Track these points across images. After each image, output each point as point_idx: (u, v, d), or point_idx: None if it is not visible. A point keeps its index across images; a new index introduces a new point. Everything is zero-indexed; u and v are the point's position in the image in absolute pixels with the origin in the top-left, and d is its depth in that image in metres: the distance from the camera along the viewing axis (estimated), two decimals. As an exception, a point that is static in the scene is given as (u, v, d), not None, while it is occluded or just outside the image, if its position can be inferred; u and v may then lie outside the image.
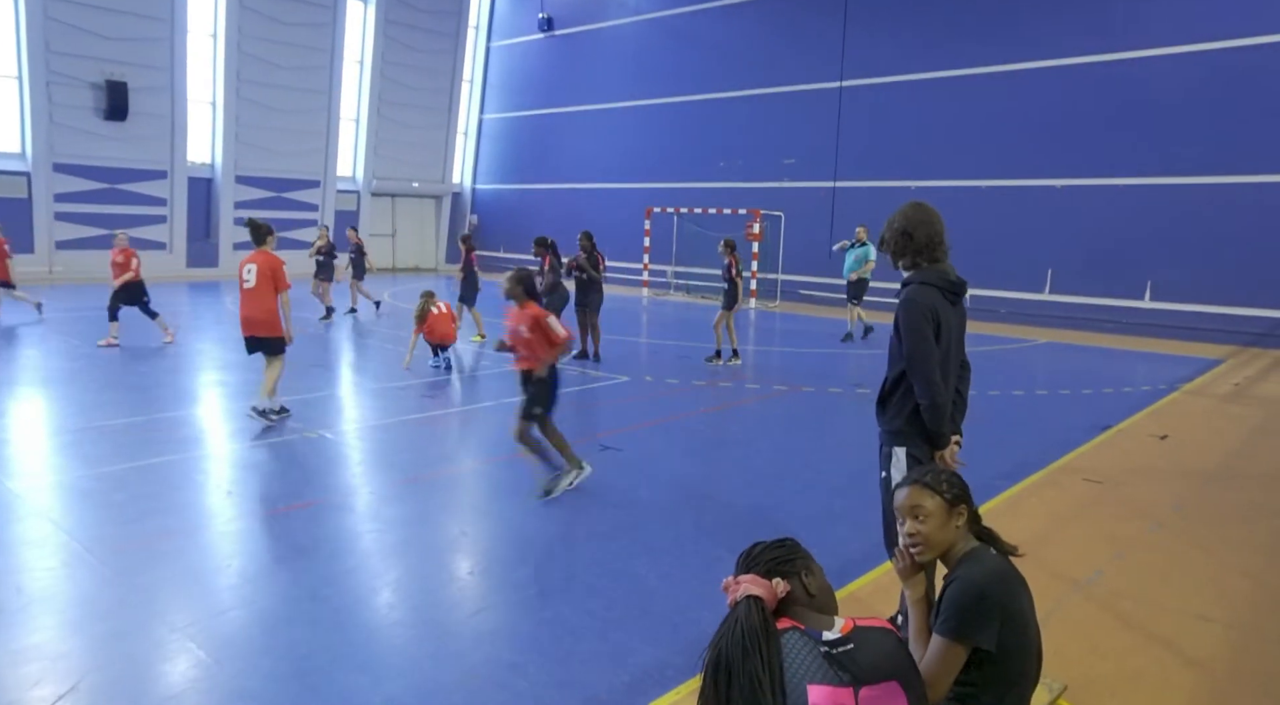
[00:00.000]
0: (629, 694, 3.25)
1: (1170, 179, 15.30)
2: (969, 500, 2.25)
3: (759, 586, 1.81)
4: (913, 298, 3.24)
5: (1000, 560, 2.17)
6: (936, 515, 2.20)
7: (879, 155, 18.74)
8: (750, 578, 1.84)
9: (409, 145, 26.03)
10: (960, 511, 2.22)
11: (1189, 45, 15.07)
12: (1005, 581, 2.12)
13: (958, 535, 2.22)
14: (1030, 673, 2.14)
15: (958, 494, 2.23)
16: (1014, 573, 2.17)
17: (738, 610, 1.76)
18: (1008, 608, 2.07)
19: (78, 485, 5.54)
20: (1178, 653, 3.69)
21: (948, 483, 2.24)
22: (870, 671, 1.66)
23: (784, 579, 1.83)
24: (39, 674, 3.27)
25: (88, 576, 4.18)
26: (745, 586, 1.81)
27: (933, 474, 2.28)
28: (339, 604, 3.99)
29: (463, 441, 7.40)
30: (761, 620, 1.71)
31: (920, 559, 2.26)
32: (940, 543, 2.22)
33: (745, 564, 1.90)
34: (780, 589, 1.81)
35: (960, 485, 2.25)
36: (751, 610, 1.73)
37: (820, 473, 6.39)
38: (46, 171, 19.11)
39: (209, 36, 21.38)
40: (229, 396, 8.59)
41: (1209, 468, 6.80)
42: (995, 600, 2.07)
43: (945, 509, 2.20)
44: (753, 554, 1.91)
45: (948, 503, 2.20)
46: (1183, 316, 15.11)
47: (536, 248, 11.03)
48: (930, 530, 2.21)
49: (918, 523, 2.22)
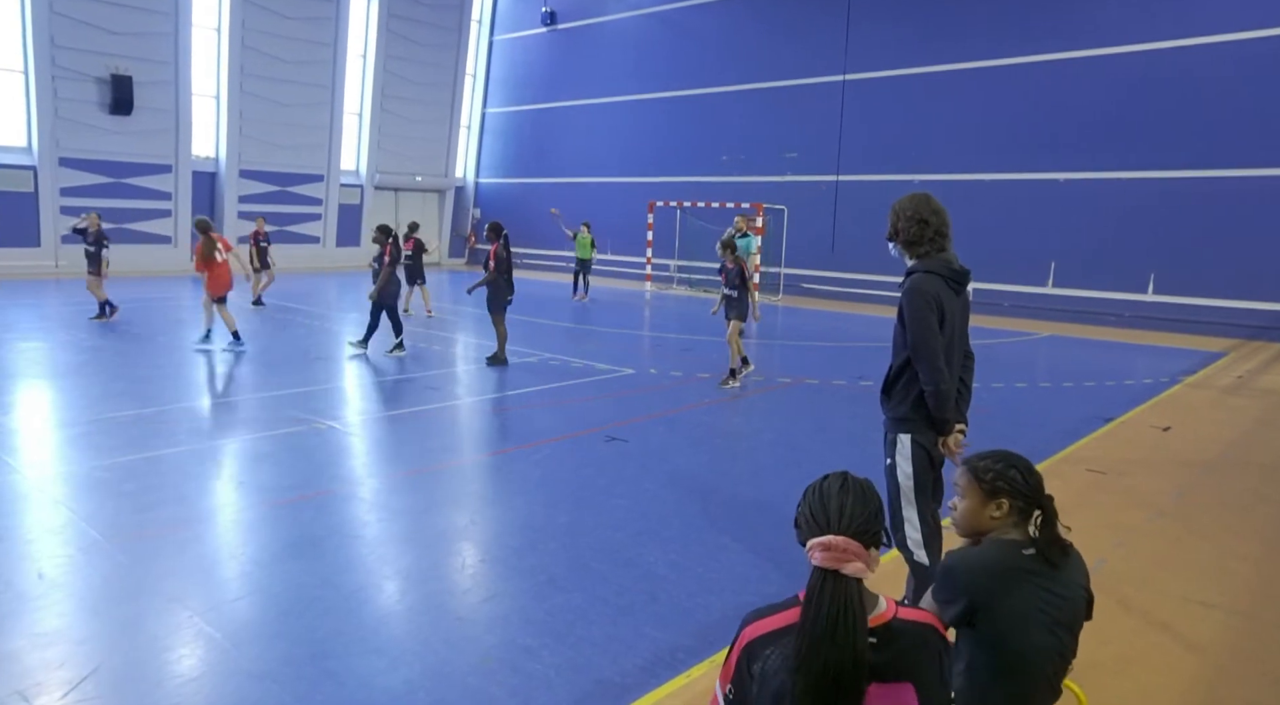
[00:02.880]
0: (642, 676, 3.31)
1: (1173, 172, 15.31)
2: (1016, 497, 2.18)
3: (862, 560, 1.58)
4: (917, 285, 3.28)
5: (1006, 555, 2.13)
6: (971, 499, 2.25)
7: (882, 149, 18.75)
8: (857, 547, 1.58)
9: (412, 139, 26.05)
10: (1000, 504, 2.19)
11: (1190, 39, 15.08)
12: (990, 574, 2.10)
13: (994, 525, 2.21)
14: (1032, 673, 2.09)
15: (998, 487, 2.19)
16: (1017, 571, 2.10)
17: (847, 592, 1.54)
18: (985, 600, 2.07)
19: (92, 475, 5.61)
20: (1179, 637, 3.75)
21: (993, 474, 2.21)
22: (884, 669, 1.58)
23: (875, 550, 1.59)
24: (62, 656, 3.34)
25: (105, 563, 4.25)
26: (854, 558, 1.57)
27: (988, 460, 2.25)
28: (352, 590, 4.06)
29: (468, 433, 7.46)
30: (863, 613, 1.55)
31: (957, 532, 2.33)
32: (970, 526, 2.26)
33: (838, 520, 1.61)
34: (874, 564, 1.59)
35: (1007, 480, 2.19)
36: (854, 597, 1.54)
37: (825, 463, 6.41)
38: (52, 165, 19.16)
39: (212, 30, 21.40)
40: (237, 389, 8.65)
41: (1210, 458, 6.86)
42: (961, 583, 2.10)
43: (981, 497, 2.22)
44: (845, 509, 1.62)
45: (984, 493, 2.21)
46: (1186, 309, 15.14)
47: (377, 233, 10.50)
48: (962, 511, 2.27)
49: (957, 499, 2.30)
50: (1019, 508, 2.19)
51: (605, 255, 24.42)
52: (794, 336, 13.94)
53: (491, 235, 10.05)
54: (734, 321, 9.15)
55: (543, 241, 24.77)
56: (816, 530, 1.62)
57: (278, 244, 23.04)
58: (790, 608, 1.66)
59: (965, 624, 2.12)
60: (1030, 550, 2.14)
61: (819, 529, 1.62)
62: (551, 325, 13.55)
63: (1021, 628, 2.07)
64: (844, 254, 19.12)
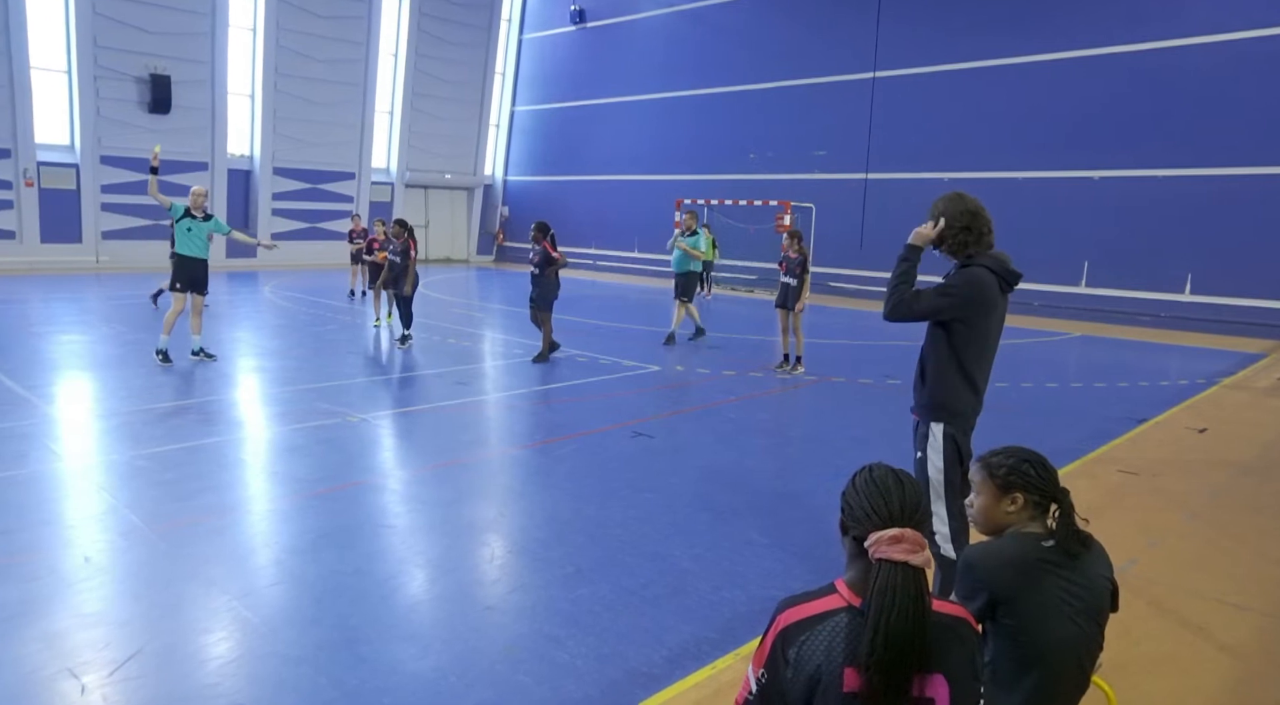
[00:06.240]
0: (668, 667, 3.35)
1: (1211, 170, 15.02)
2: (1030, 490, 2.19)
3: (922, 557, 1.57)
4: (972, 274, 3.25)
5: (1026, 548, 2.14)
6: (985, 495, 2.25)
7: (912, 147, 18.59)
8: (921, 538, 1.58)
9: (441, 137, 26.31)
10: (1014, 498, 2.20)
11: (1226, 34, 14.77)
12: (1010, 566, 2.11)
13: (1011, 520, 2.22)
14: (1056, 665, 2.08)
15: (1011, 481, 2.19)
16: (1037, 562, 2.11)
17: (919, 584, 1.54)
18: (1006, 591, 2.08)
19: (133, 464, 5.76)
20: (1211, 638, 3.71)
21: (1006, 468, 2.22)
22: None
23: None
24: (107, 637, 3.45)
25: (146, 549, 4.37)
26: (920, 549, 1.57)
27: (1000, 456, 2.26)
28: (383, 578, 4.14)
29: (496, 428, 7.54)
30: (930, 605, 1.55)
31: (977, 529, 2.34)
32: (987, 521, 2.27)
33: (900, 511, 1.61)
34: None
35: (1020, 474, 2.19)
36: (925, 588, 1.52)
37: (850, 460, 6.40)
38: (94, 163, 19.63)
39: (248, 30, 21.77)
40: (270, 382, 8.82)
41: (1246, 460, 6.74)
42: (981, 575, 2.12)
43: (995, 492, 2.23)
44: (905, 500, 1.63)
45: (998, 487, 2.22)
46: (1224, 310, 14.85)
47: (396, 228, 10.98)
48: (979, 507, 2.28)
49: (973, 495, 2.31)
50: (1034, 501, 2.20)
51: (632, 253, 24.50)
52: (821, 334, 13.87)
53: (539, 234, 10.47)
54: (797, 311, 9.65)
55: (567, 239, 24.88)
56: (879, 523, 1.61)
57: (310, 241, 23.51)
58: (827, 595, 1.67)
59: (988, 617, 2.13)
60: (1050, 542, 2.15)
61: (882, 522, 1.61)
62: (577, 322, 13.62)
63: (1043, 619, 2.08)
64: (872, 252, 18.98)
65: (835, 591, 1.66)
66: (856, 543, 1.66)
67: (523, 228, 27.21)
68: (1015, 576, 2.11)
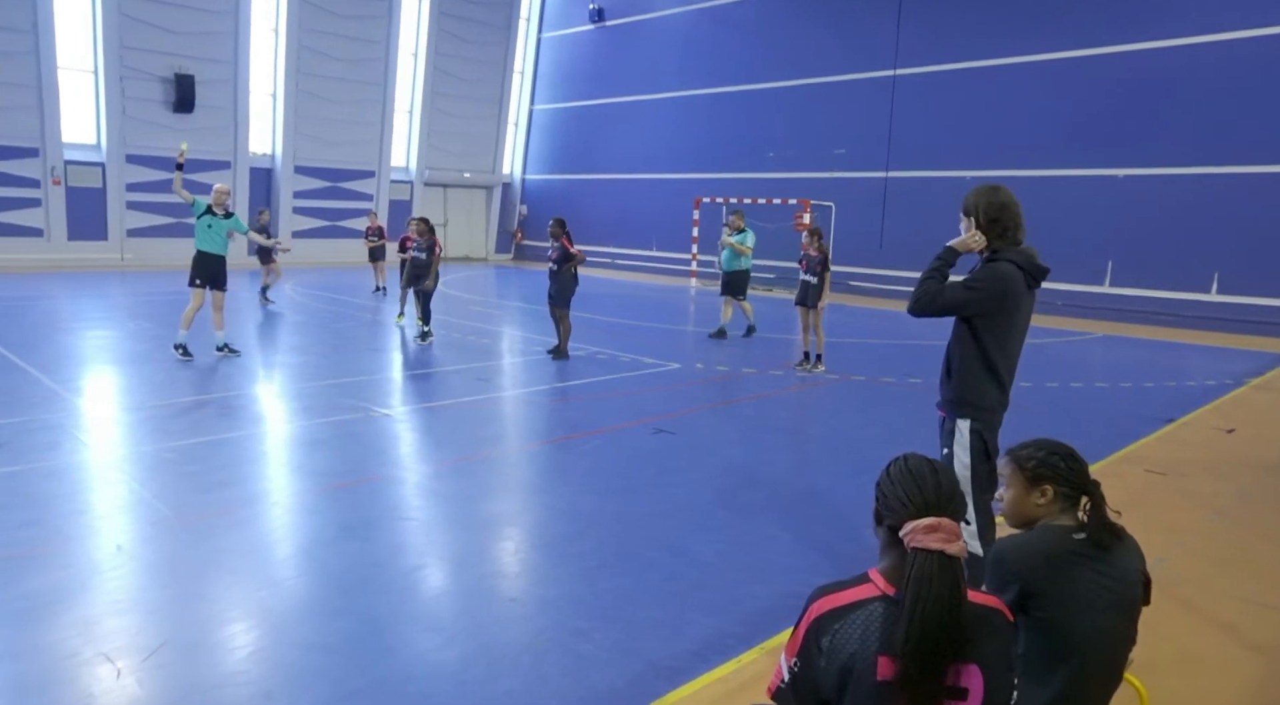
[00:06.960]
0: (691, 661, 3.35)
1: (1239, 167, 14.80)
2: (1060, 483, 2.18)
3: (957, 546, 1.57)
4: (997, 268, 3.22)
5: (1057, 540, 2.13)
6: (1015, 488, 2.25)
7: (933, 145, 18.45)
8: (957, 527, 1.58)
9: (461, 136, 26.42)
10: (1044, 491, 2.19)
11: (1251, 30, 14.54)
12: (1041, 558, 2.10)
13: (1041, 512, 2.21)
14: (1088, 657, 2.08)
15: (1040, 474, 2.19)
16: (1068, 554, 2.10)
17: (955, 572, 1.54)
18: (1037, 584, 2.07)
19: (159, 456, 5.84)
20: (1239, 638, 3.67)
21: (1035, 461, 2.21)
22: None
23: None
24: (139, 624, 3.51)
25: (173, 540, 4.43)
26: (957, 538, 1.57)
27: (1030, 449, 2.25)
28: (406, 570, 4.18)
29: (517, 423, 7.57)
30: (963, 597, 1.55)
31: (1008, 523, 2.33)
32: (1018, 514, 2.26)
33: (935, 500, 1.62)
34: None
35: (1049, 467, 2.19)
36: (962, 577, 1.53)
37: (871, 458, 6.39)
38: (119, 162, 19.90)
39: (270, 30, 21.98)
40: (292, 377, 8.90)
41: (1274, 460, 6.65)
42: (1012, 567, 2.11)
43: (1025, 484, 2.22)
44: (941, 489, 1.64)
45: (1027, 480, 2.21)
46: (1252, 310, 14.62)
47: (420, 224, 11.25)
48: (1009, 500, 2.28)
49: (1003, 489, 2.30)
50: (1064, 494, 2.19)
51: (650, 251, 24.49)
52: (842, 333, 13.81)
53: (558, 229, 10.52)
54: (819, 309, 9.66)
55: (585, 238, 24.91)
56: (915, 513, 1.61)
57: (330, 239, 23.69)
58: (861, 584, 1.67)
59: (1019, 610, 2.12)
60: (1081, 535, 2.14)
61: (919, 511, 1.61)
62: (598, 320, 13.64)
63: (1074, 611, 2.07)
64: (893, 251, 18.86)
65: (869, 581, 1.66)
66: (891, 532, 1.66)
67: (541, 226, 27.29)
68: (1046, 569, 2.09)
